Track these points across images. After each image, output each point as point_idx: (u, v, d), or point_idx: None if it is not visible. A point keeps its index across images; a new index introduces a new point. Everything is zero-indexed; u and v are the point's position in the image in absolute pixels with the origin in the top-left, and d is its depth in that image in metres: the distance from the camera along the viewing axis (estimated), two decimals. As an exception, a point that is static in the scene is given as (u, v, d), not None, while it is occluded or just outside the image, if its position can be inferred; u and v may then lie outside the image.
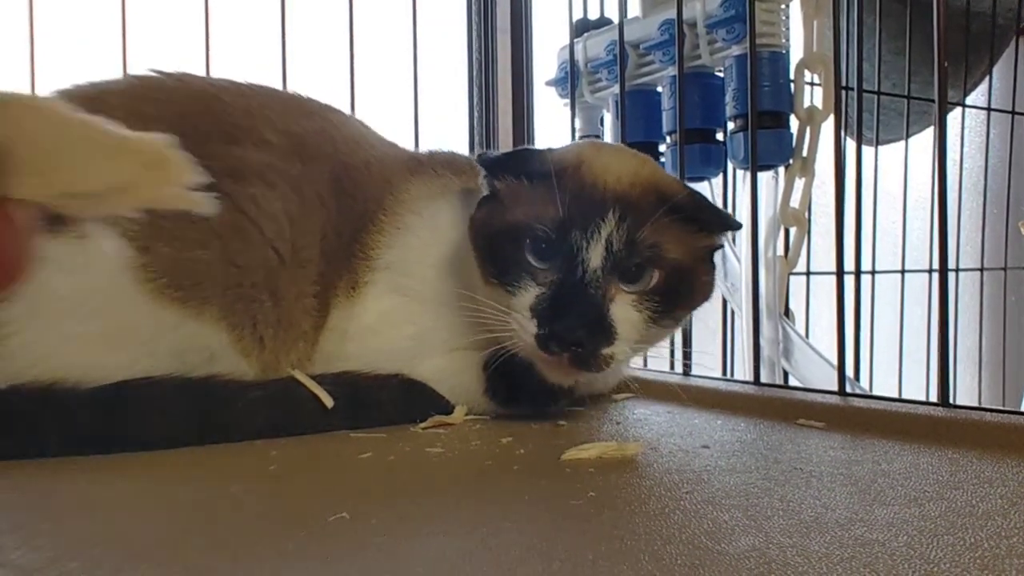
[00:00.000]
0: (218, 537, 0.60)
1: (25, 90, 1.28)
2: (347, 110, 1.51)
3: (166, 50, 1.42)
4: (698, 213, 0.96)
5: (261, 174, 0.97)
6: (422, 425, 0.97)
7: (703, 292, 0.99)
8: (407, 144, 1.54)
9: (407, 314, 1.03)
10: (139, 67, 1.08)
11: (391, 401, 0.99)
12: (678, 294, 0.94)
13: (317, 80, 1.49)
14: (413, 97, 1.63)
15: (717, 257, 1.04)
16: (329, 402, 0.94)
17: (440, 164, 1.14)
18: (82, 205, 0.61)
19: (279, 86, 1.43)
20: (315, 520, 0.63)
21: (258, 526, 0.63)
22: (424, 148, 1.37)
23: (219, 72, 1.31)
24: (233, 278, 0.93)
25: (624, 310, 0.91)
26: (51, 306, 0.85)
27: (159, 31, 1.45)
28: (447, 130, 1.85)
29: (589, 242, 0.89)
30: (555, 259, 0.91)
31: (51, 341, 0.86)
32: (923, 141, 2.08)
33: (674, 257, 0.93)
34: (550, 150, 1.01)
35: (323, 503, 0.68)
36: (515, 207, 0.96)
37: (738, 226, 1.09)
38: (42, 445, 0.83)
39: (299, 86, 1.40)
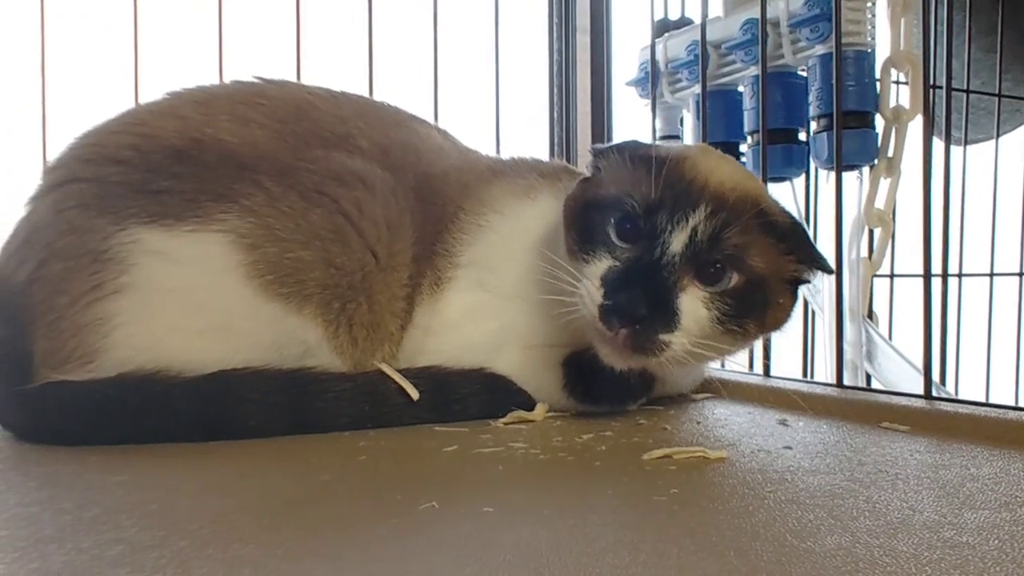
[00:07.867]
0: (314, 522, 0.63)
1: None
2: (430, 112, 1.54)
3: (259, 56, 1.47)
4: (792, 237, 0.95)
5: (363, 179, 1.00)
6: (503, 420, 0.99)
7: (777, 316, 0.97)
8: (488, 145, 1.56)
9: (489, 309, 1.05)
10: (235, 72, 1.12)
11: (474, 395, 1.01)
12: (752, 305, 0.93)
13: (401, 82, 1.53)
14: (495, 98, 1.65)
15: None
16: (415, 395, 0.96)
17: (525, 168, 1.16)
18: None
19: (365, 90, 1.46)
20: (406, 508, 0.65)
21: (351, 512, 0.66)
22: (505, 154, 1.39)
23: (309, 78, 1.35)
24: (332, 278, 0.96)
25: (693, 303, 0.90)
26: (160, 298, 0.90)
27: (252, 38, 1.50)
28: (527, 131, 1.86)
29: (674, 227, 0.89)
30: (637, 240, 0.91)
31: (158, 332, 0.90)
32: (1014, 140, 2.02)
33: (757, 266, 0.92)
34: (660, 145, 1.01)
35: (412, 492, 0.70)
36: (611, 184, 0.96)
37: (830, 270, 1.03)
38: (147, 432, 0.87)
39: (384, 89, 1.44)
